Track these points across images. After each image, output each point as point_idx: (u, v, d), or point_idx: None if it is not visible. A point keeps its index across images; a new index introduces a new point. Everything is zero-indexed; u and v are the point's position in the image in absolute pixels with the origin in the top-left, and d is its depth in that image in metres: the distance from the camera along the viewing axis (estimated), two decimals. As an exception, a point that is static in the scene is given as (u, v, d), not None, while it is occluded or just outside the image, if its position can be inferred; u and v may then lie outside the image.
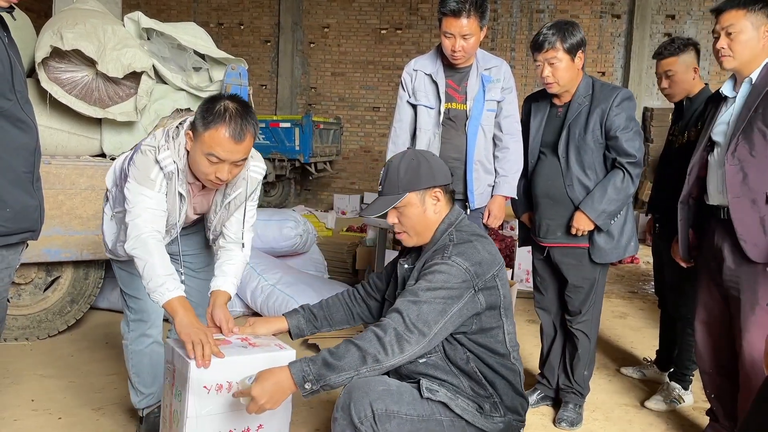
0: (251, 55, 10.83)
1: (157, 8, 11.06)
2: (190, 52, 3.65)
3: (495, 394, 1.85)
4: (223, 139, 1.89)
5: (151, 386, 2.41)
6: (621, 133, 2.56)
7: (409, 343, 1.70)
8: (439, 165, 1.94)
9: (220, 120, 1.88)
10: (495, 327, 1.84)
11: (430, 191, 1.87)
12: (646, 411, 2.99)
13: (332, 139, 9.98)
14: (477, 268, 1.77)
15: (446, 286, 1.74)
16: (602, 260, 2.67)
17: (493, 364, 1.84)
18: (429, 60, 2.86)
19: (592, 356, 2.86)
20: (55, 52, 3.21)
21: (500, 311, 1.84)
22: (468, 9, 2.61)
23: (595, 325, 2.82)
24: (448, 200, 1.93)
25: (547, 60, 2.56)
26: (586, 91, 2.62)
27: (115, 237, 2.30)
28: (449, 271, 1.75)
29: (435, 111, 2.81)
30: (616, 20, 9.59)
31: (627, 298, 5.08)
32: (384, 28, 10.52)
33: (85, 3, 3.77)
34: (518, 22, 9.97)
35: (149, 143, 2.05)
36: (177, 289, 1.94)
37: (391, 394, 1.73)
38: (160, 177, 2.02)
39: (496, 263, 1.83)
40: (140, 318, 2.36)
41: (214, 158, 1.92)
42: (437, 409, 1.78)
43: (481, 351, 1.83)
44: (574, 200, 2.63)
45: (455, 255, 1.78)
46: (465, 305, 1.76)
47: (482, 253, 1.81)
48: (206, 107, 1.92)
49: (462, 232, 1.86)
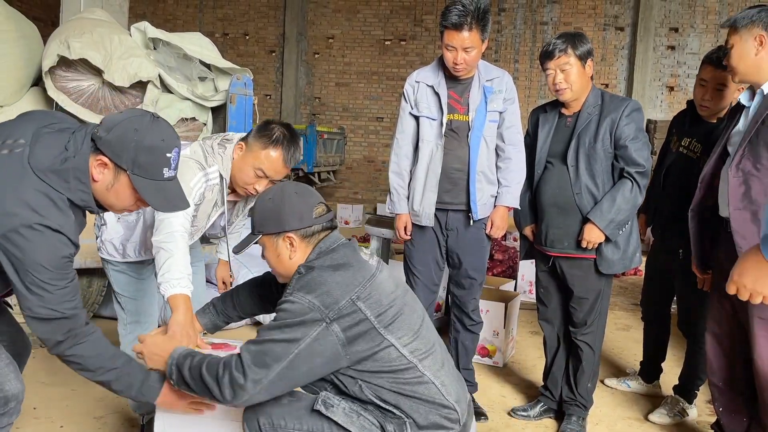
0: (256, 65, 10.89)
1: (163, 18, 11.14)
2: (195, 62, 3.67)
3: (404, 415, 1.67)
4: (276, 160, 2.18)
5: None
6: (630, 143, 2.58)
7: (243, 390, 1.59)
8: (298, 206, 1.79)
9: (278, 143, 2.17)
10: (380, 349, 1.65)
11: (281, 236, 1.78)
12: (650, 424, 2.97)
13: (336, 148, 10.00)
14: (323, 298, 1.62)
15: (286, 324, 1.62)
16: (609, 271, 2.67)
17: (391, 387, 1.67)
18: (431, 71, 2.87)
19: (596, 369, 2.85)
20: (62, 61, 3.24)
21: (378, 331, 1.65)
22: (469, 22, 2.62)
23: (600, 337, 2.81)
24: (309, 243, 1.78)
25: (559, 67, 2.59)
26: (595, 101, 2.65)
27: (123, 238, 2.39)
28: (290, 308, 1.64)
29: (437, 122, 2.82)
30: (620, 33, 9.63)
31: (630, 311, 5.06)
32: (388, 39, 10.58)
33: (92, 12, 3.81)
34: (522, 34, 10.01)
35: (191, 157, 2.23)
36: (186, 288, 2.05)
37: (282, 406, 1.69)
38: (198, 187, 2.21)
39: (353, 287, 1.66)
40: (136, 320, 2.45)
41: (260, 173, 2.19)
42: (327, 425, 1.66)
43: (373, 376, 1.66)
44: (582, 209, 2.63)
45: (296, 290, 1.66)
46: (316, 341, 1.60)
47: (329, 282, 1.65)
48: (265, 130, 2.20)
49: (312, 268, 1.71)
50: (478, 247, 2.91)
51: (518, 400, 3.21)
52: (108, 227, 2.41)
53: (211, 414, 1.86)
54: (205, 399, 1.73)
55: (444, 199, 2.84)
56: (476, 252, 2.90)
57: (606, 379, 3.45)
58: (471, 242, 2.88)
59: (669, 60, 9.43)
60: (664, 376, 3.32)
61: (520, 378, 3.51)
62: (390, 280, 1.77)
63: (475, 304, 2.97)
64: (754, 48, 2.22)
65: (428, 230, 2.88)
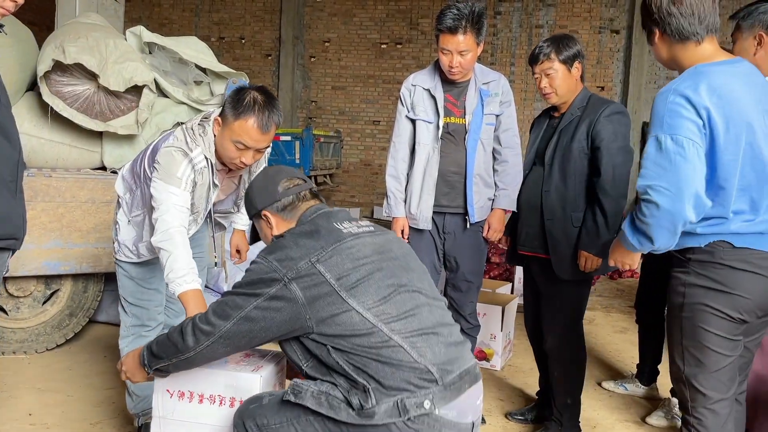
0: (252, 69, 10.88)
1: (159, 22, 11.13)
2: (191, 66, 3.67)
3: (371, 379, 1.63)
4: (251, 129, 2.09)
5: (146, 389, 2.45)
6: (603, 146, 2.48)
7: (204, 334, 1.69)
8: (262, 184, 1.90)
9: (249, 111, 2.08)
10: (340, 312, 1.65)
11: (259, 217, 1.89)
12: (648, 427, 2.97)
13: (332, 152, 9.99)
14: (283, 259, 1.68)
15: (246, 280, 1.71)
16: (562, 275, 2.56)
17: (356, 351, 1.64)
18: (427, 75, 2.87)
19: (575, 384, 2.69)
20: (57, 66, 3.23)
21: (339, 294, 1.65)
22: (464, 26, 2.63)
23: (572, 349, 2.65)
24: (289, 217, 1.86)
25: (543, 71, 2.58)
26: (581, 103, 2.61)
27: (136, 239, 2.40)
28: (252, 268, 1.73)
29: (434, 125, 2.82)
30: (615, 35, 9.65)
31: (627, 313, 5.06)
32: (384, 42, 10.58)
33: (87, 17, 3.80)
34: (518, 37, 10.02)
35: (173, 144, 2.19)
36: (194, 282, 2.05)
37: (262, 407, 1.74)
38: (186, 175, 2.17)
39: (314, 250, 1.69)
40: (142, 323, 2.47)
41: (241, 145, 2.12)
42: (302, 412, 1.68)
43: (338, 340, 1.66)
44: (547, 208, 2.57)
45: (262, 254, 1.75)
46: (274, 298, 1.64)
47: (291, 245, 1.71)
48: (236, 98, 2.10)
49: (282, 235, 1.79)
50: (476, 251, 2.90)
51: (515, 403, 3.21)
52: (121, 228, 2.43)
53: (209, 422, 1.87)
54: (171, 359, 1.75)
55: (441, 202, 2.84)
56: (473, 255, 2.90)
57: (603, 382, 3.46)
58: (468, 245, 2.87)
59: (664, 62, 9.47)
60: (662, 378, 3.32)
61: (518, 381, 3.51)
62: (369, 247, 1.75)
63: (472, 308, 2.97)
64: (753, 47, 2.24)
65: (425, 233, 2.88)
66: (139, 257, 2.42)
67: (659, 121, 1.75)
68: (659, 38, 1.89)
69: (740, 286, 1.80)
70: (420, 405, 1.61)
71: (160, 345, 1.77)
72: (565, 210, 2.56)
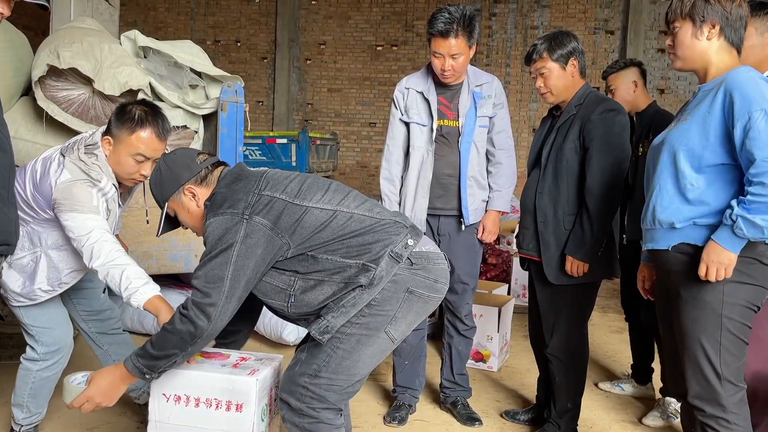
0: (248, 72, 10.87)
1: (154, 26, 11.12)
2: (186, 70, 3.66)
3: (358, 257, 1.79)
4: (149, 139, 2.15)
5: (43, 405, 2.51)
6: (594, 146, 2.44)
7: (211, 306, 1.72)
8: (182, 160, 1.94)
9: (143, 123, 2.14)
10: (302, 216, 1.79)
11: (181, 192, 1.92)
12: (644, 427, 2.98)
13: (329, 154, 9.98)
14: (231, 205, 1.78)
15: (213, 241, 1.75)
16: (552, 279, 2.53)
17: (329, 239, 1.79)
18: (420, 78, 2.88)
19: (576, 387, 2.66)
20: (51, 71, 3.22)
21: (293, 203, 1.80)
22: (456, 29, 2.64)
23: (573, 356, 2.62)
24: (209, 183, 1.93)
25: (537, 71, 2.56)
26: (578, 101, 2.55)
27: (23, 283, 2.29)
28: (210, 231, 1.77)
29: (427, 128, 2.83)
30: (610, 36, 9.67)
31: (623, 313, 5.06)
32: (380, 44, 10.59)
33: (82, 21, 3.80)
34: (513, 38, 10.04)
35: (72, 179, 2.15)
36: (155, 289, 2.05)
37: (302, 363, 1.82)
38: (101, 203, 2.18)
39: (251, 186, 1.82)
40: (55, 349, 2.42)
41: (140, 157, 2.17)
42: (336, 336, 1.78)
43: (314, 240, 1.79)
44: (539, 209, 2.55)
45: (210, 215, 1.81)
46: (247, 237, 1.74)
47: (228, 194, 1.81)
48: (124, 116, 2.16)
49: (213, 194, 1.87)
50: (471, 252, 2.91)
51: (512, 404, 3.21)
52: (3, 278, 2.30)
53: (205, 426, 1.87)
54: (185, 348, 1.76)
55: (435, 204, 2.84)
56: (468, 257, 2.90)
57: (600, 382, 3.46)
58: (463, 247, 2.88)
59: (659, 63, 9.47)
60: (658, 377, 3.33)
61: (515, 382, 3.51)
62: (285, 173, 1.93)
63: (468, 309, 2.97)
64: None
65: (420, 236, 2.88)
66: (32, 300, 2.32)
67: (759, 97, 1.77)
68: (708, 35, 1.92)
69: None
70: (405, 246, 1.82)
71: (163, 343, 1.76)
72: (557, 212, 2.52)
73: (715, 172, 1.87)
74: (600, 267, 2.51)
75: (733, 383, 1.92)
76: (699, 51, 1.95)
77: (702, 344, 1.91)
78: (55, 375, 2.48)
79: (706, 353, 1.91)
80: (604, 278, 2.63)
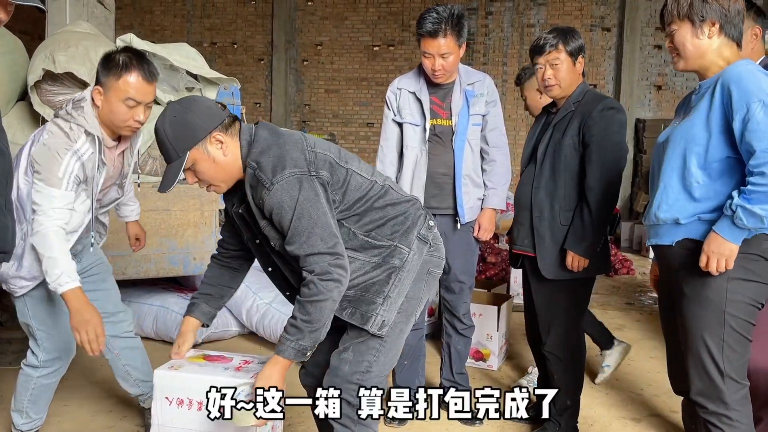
0: (245, 74, 10.87)
1: (150, 29, 11.12)
2: (182, 73, 3.67)
3: (391, 236, 1.89)
4: (136, 82, 2.15)
5: (43, 411, 2.50)
6: (594, 142, 2.44)
7: (343, 257, 1.77)
8: (204, 107, 1.84)
9: (128, 67, 2.14)
10: (349, 177, 1.87)
11: (208, 139, 1.80)
12: (644, 424, 2.98)
13: (327, 155, 9.99)
14: (294, 164, 1.76)
15: (293, 202, 1.73)
16: (546, 274, 2.54)
17: (367, 208, 1.88)
18: (412, 78, 2.89)
19: (575, 385, 2.66)
20: (47, 75, 3.23)
21: (339, 163, 1.86)
22: (444, 29, 2.65)
23: (570, 353, 2.61)
24: (233, 134, 1.85)
25: (549, 62, 2.51)
26: (577, 98, 2.54)
27: (18, 264, 2.27)
28: (280, 191, 1.74)
29: (420, 128, 2.83)
30: (607, 33, 9.67)
31: (623, 310, 5.07)
32: (376, 44, 10.59)
33: (77, 26, 3.80)
34: (510, 36, 10.04)
35: (50, 141, 2.15)
36: (72, 282, 2.08)
37: (351, 363, 1.86)
38: (69, 172, 2.14)
39: (299, 142, 1.84)
40: (56, 357, 2.42)
41: (131, 102, 2.16)
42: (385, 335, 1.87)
43: (353, 210, 1.87)
44: (536, 205, 2.55)
45: (272, 178, 1.75)
46: (321, 192, 1.78)
47: (284, 152, 1.79)
48: (109, 63, 2.16)
49: (261, 152, 1.80)
50: (467, 251, 2.91)
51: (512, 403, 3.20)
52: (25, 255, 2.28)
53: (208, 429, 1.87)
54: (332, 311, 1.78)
55: (431, 204, 2.84)
56: (465, 256, 2.90)
57: (595, 378, 3.45)
58: (459, 246, 2.88)
59: (656, 59, 9.47)
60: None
61: (515, 381, 3.51)
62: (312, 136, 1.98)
63: (465, 308, 2.97)
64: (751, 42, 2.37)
65: (417, 235, 2.88)
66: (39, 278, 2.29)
67: (757, 89, 1.78)
68: (709, 34, 1.92)
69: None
70: (429, 227, 1.95)
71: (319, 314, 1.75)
72: (553, 207, 2.53)
73: (720, 167, 1.88)
74: (595, 262, 2.52)
75: (735, 380, 1.92)
76: (702, 50, 1.95)
77: (705, 341, 1.92)
78: (55, 382, 2.49)
79: (709, 350, 1.91)
80: (599, 274, 2.63)
